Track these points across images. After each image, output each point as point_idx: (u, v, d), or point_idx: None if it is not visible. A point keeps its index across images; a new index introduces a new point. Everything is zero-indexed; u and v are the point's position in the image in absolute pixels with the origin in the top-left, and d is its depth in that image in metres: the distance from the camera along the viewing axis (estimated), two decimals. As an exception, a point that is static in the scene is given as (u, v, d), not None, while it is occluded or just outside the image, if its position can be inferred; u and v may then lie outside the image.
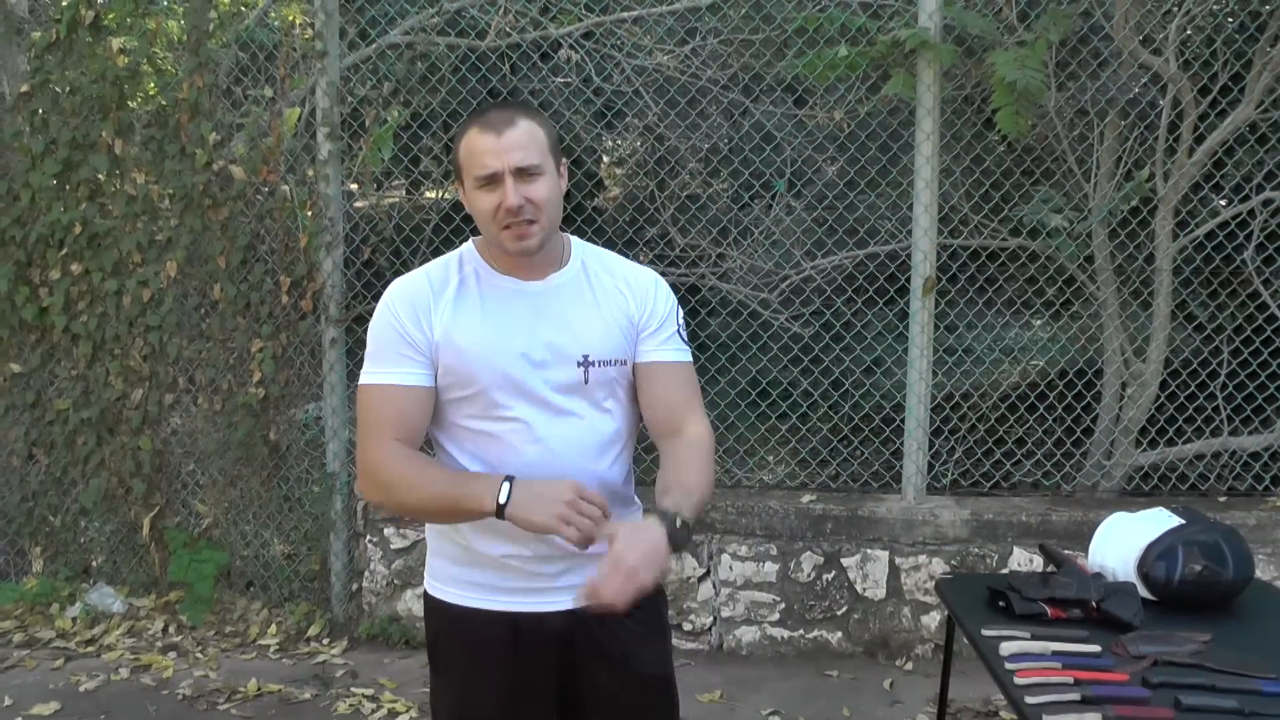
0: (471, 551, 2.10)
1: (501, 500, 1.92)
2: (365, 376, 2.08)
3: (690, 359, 2.22)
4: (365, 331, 2.15)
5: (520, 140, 1.98)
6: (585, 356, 2.07)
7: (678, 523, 1.95)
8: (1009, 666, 2.24)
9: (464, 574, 2.13)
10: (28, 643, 4.64)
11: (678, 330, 2.19)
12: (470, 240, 2.17)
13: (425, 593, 2.21)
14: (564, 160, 2.11)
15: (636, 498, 2.23)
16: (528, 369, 2.04)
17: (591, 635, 2.11)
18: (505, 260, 2.09)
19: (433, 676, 2.25)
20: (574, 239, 2.20)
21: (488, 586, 2.11)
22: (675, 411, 2.17)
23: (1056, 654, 2.29)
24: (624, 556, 1.85)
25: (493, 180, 1.99)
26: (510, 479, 1.94)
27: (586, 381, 2.08)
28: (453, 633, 2.17)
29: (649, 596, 1.91)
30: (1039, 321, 5.08)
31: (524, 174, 1.98)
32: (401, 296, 2.08)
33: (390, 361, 2.06)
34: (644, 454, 2.24)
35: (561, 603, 2.10)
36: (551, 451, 2.05)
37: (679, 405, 2.17)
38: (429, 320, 2.04)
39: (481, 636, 2.12)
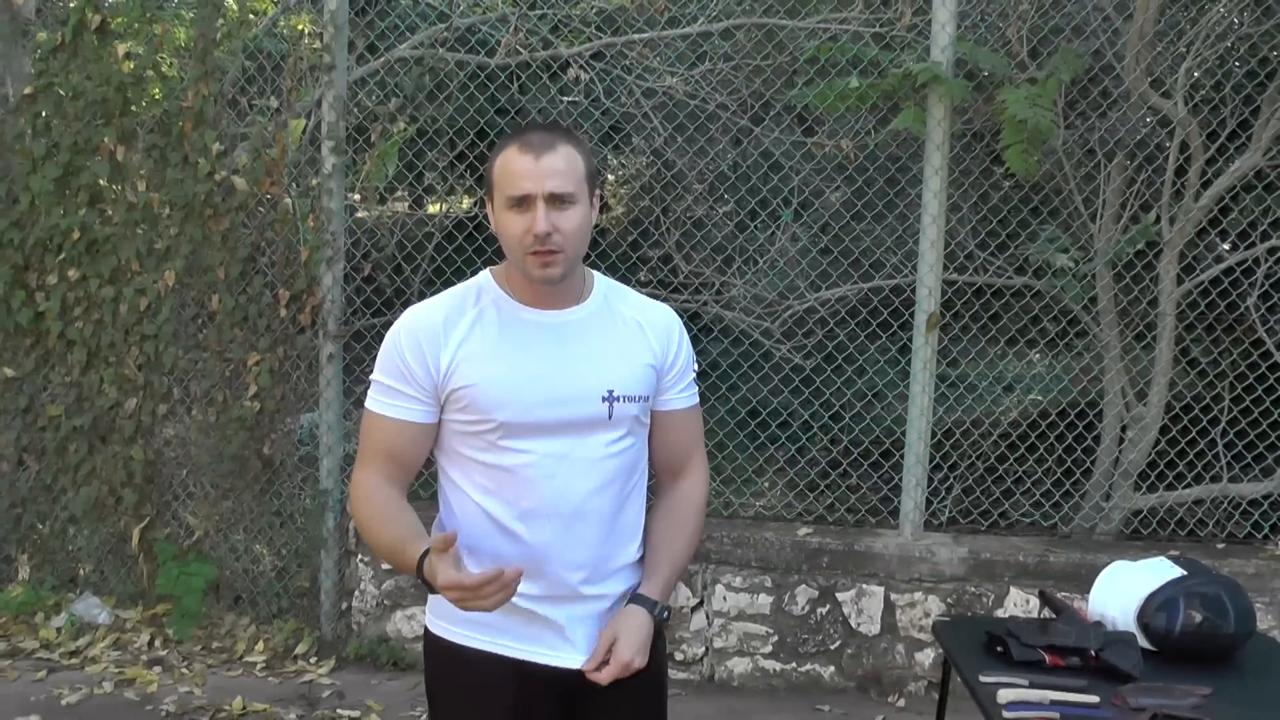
0: None
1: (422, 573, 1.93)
2: (369, 400, 2.08)
3: (698, 399, 2.24)
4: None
5: (558, 166, 1.94)
6: (610, 392, 2.04)
7: (663, 614, 2.12)
8: (1006, 715, 2.23)
9: (468, 613, 2.07)
10: (10, 653, 4.58)
11: (693, 373, 2.21)
12: (487, 270, 2.12)
13: (426, 629, 2.16)
14: (598, 191, 2.06)
15: (641, 537, 2.18)
16: (549, 403, 2.00)
17: (597, 690, 2.05)
18: (526, 290, 2.04)
19: (431, 716, 2.20)
20: (595, 273, 2.16)
21: (493, 627, 2.05)
22: (682, 453, 2.22)
23: (1055, 703, 2.27)
24: (620, 651, 2.02)
25: (524, 203, 1.94)
26: (425, 554, 1.92)
27: (610, 417, 2.04)
28: (453, 673, 2.12)
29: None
30: (1039, 357, 5.05)
31: (557, 201, 1.93)
32: (410, 330, 2.03)
33: (389, 394, 2.04)
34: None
35: (570, 659, 2.07)
36: (569, 487, 2.01)
37: (687, 447, 2.22)
38: (435, 357, 2.00)
39: (483, 679, 2.07)
